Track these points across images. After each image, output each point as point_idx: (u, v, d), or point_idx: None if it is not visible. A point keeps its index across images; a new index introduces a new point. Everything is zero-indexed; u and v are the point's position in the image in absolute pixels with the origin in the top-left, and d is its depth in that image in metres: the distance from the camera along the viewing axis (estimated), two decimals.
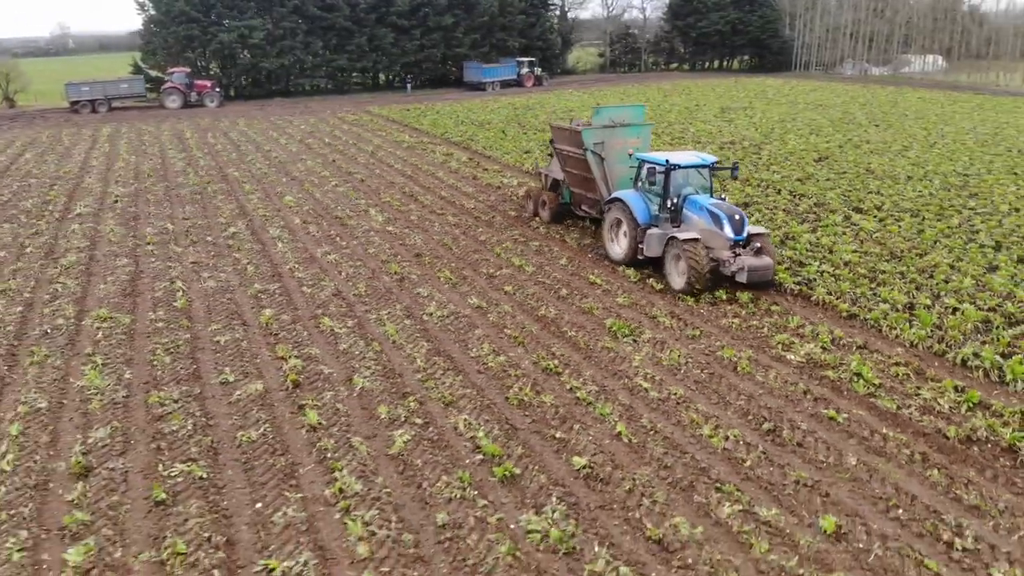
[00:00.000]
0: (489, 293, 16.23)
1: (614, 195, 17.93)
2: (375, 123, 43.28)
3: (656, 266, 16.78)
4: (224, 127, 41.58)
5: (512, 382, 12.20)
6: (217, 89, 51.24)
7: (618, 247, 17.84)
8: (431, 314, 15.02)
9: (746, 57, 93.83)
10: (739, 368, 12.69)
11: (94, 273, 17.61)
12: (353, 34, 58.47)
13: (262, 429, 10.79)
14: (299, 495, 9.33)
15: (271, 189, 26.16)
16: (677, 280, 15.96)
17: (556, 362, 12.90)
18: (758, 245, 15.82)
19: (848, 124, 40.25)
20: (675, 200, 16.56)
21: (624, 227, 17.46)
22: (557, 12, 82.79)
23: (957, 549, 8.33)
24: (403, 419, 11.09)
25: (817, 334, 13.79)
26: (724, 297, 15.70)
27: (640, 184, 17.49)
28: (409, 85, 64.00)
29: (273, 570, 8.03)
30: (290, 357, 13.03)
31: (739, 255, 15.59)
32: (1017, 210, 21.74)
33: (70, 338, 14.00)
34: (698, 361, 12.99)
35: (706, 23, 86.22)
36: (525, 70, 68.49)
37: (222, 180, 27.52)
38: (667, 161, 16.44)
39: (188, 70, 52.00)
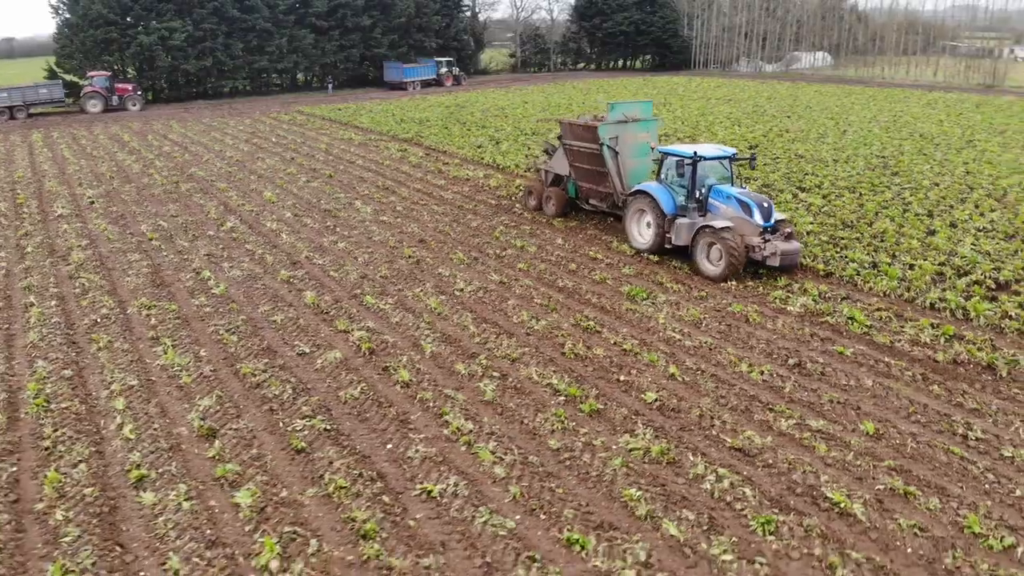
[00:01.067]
0: (504, 270, 17.65)
1: (637, 187, 18.58)
2: (312, 122, 43.65)
3: (683, 254, 17.65)
4: (159, 130, 41.05)
5: (562, 339, 13.72)
6: (139, 92, 50.18)
7: (642, 237, 18.54)
8: (461, 290, 16.32)
9: (648, 57, 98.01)
10: (750, 319, 14.64)
11: (111, 268, 17.96)
12: (272, 35, 58.27)
13: (359, 388, 11.91)
14: (421, 436, 10.57)
15: (244, 187, 26.61)
16: (709, 267, 16.66)
17: (592, 323, 14.49)
18: (788, 230, 16.75)
19: (762, 116, 43.56)
20: (702, 190, 17.29)
21: (647, 218, 18.23)
22: (468, 13, 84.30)
23: (971, 440, 10.43)
24: (481, 374, 12.43)
25: (806, 289, 15.94)
26: None
27: (663, 176, 18.27)
28: (331, 85, 64.23)
29: (431, 491, 9.29)
30: (352, 330, 14.09)
31: (769, 241, 16.34)
32: (937, 184, 24.84)
33: (124, 325, 14.57)
34: (714, 316, 14.87)
35: (611, 24, 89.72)
36: (444, 70, 69.86)
37: (189, 180, 27.70)
38: (695, 153, 17.09)
39: (109, 74, 50.67)
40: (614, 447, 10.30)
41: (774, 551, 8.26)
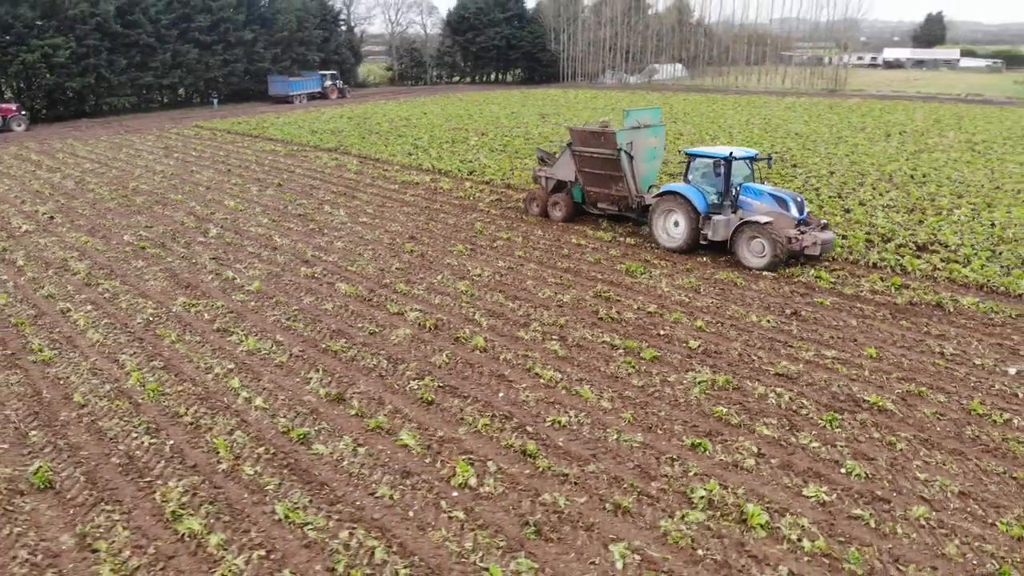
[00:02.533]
0: (505, 258, 19.52)
1: (665, 188, 19.50)
2: (221, 136, 43.43)
3: (719, 250, 18.82)
4: (63, 148, 39.60)
5: (592, 308, 15.82)
6: (23, 112, 47.74)
7: (672, 236, 19.36)
8: (479, 275, 18.09)
9: (519, 70, 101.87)
10: (737, 284, 17.34)
11: (122, 275, 18.33)
12: (156, 51, 56.90)
13: (445, 355, 13.50)
14: (522, 386, 12.37)
15: (200, 197, 26.90)
16: (752, 259, 17.76)
17: (611, 293, 16.70)
18: (823, 222, 18.36)
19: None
20: (735, 188, 18.42)
21: (675, 217, 19.13)
22: (344, 27, 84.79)
23: (947, 355, 13.44)
24: (541, 338, 14.33)
25: None
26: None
27: (690, 177, 19.35)
28: (215, 100, 63.25)
29: (560, 421, 11.17)
30: (404, 312, 15.59)
31: (804, 232, 17.61)
32: (832, 172, 28.92)
33: (180, 321, 15.32)
34: (707, 283, 17.46)
35: (484, 38, 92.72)
36: (329, 83, 70.41)
37: (136, 194, 27.61)
38: (731, 154, 18.18)
39: None
40: (685, 381, 12.51)
41: (845, 438, 10.73)
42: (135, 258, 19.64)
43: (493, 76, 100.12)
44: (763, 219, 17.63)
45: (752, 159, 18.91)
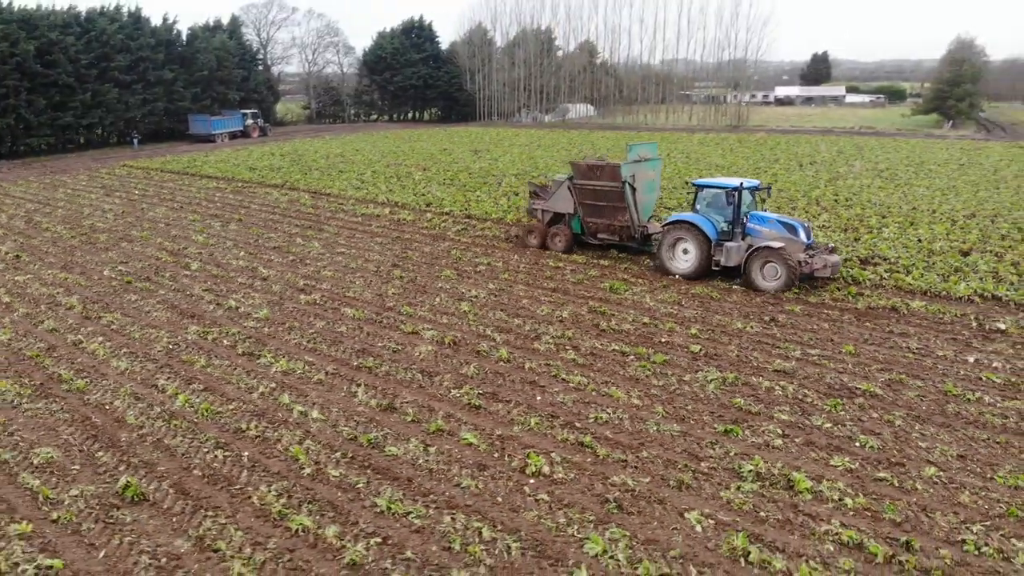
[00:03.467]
0: (492, 281, 20.63)
1: (675, 218, 20.40)
2: (156, 175, 42.95)
3: (730, 275, 19.73)
4: None
5: (592, 321, 17.13)
6: None
7: (682, 263, 20.15)
8: (475, 296, 19.14)
9: (436, 109, 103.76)
10: (713, 297, 19.02)
11: (120, 308, 18.44)
12: (76, 91, 55.65)
13: (473, 367, 14.49)
14: (555, 389, 13.49)
15: (163, 233, 26.91)
16: (766, 283, 18.70)
17: (604, 309, 18.07)
18: (831, 245, 19.72)
19: (587, 156, 49.74)
20: (745, 217, 19.38)
21: (684, 245, 20.02)
22: (261, 66, 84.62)
23: (913, 349, 15.38)
24: (556, 349, 15.50)
25: None
26: (631, 265, 21.94)
27: (698, 207, 20.27)
28: (135, 140, 62.08)
29: (601, 418, 12.35)
30: (419, 331, 16.48)
31: (814, 256, 18.75)
32: (764, 200, 31.39)
33: (202, 348, 15.73)
34: (686, 297, 19.07)
35: (401, 78, 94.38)
36: (250, 121, 70.28)
37: (95, 231, 27.35)
38: (741, 184, 19.25)
39: None
40: (699, 380, 13.92)
41: (850, 419, 12.32)
42: (125, 292, 19.71)
43: (411, 115, 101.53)
44: (777, 244, 18.61)
45: (756, 189, 19.96)
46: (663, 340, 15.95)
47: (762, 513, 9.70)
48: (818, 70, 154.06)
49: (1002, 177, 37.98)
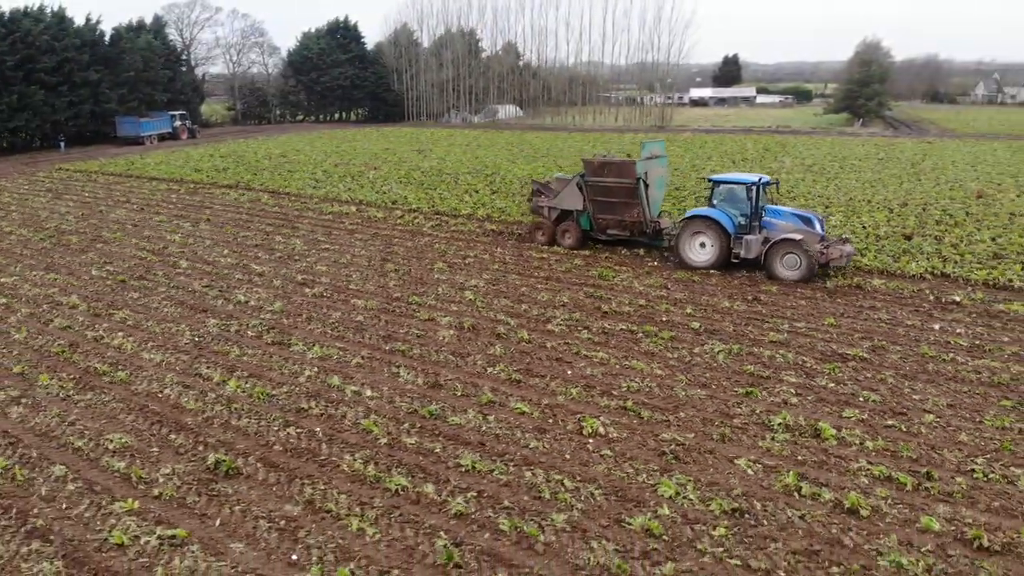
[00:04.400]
0: (485, 272, 21.60)
1: (694, 213, 21.13)
2: (99, 178, 41.98)
3: (749, 266, 20.63)
4: None
5: (593, 305, 18.38)
6: None
7: (701, 256, 20.89)
8: (475, 285, 20.11)
9: (363, 109, 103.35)
10: (694, 280, 20.56)
11: (126, 306, 18.62)
12: (1, 94, 53.57)
13: (499, 348, 15.51)
14: (581, 364, 14.67)
15: (136, 234, 26.76)
16: (786, 272, 19.65)
17: (600, 294, 19.36)
18: (845, 236, 20.97)
19: (529, 156, 51.18)
20: (761, 210, 20.22)
21: (702, 239, 20.83)
22: (184, 68, 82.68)
23: (882, 320, 17.22)
24: (569, 330, 16.68)
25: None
26: (609, 254, 23.38)
27: (715, 201, 21.06)
28: (62, 143, 60.08)
29: (631, 387, 13.60)
30: (435, 317, 17.38)
31: (829, 246, 19.72)
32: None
33: (227, 340, 16.21)
34: (671, 281, 20.52)
35: (328, 78, 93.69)
36: (178, 123, 68.93)
37: (63, 234, 26.97)
38: (760, 179, 20.19)
39: None
40: (708, 352, 15.35)
41: (848, 379, 13.94)
42: (124, 290, 19.81)
43: (337, 115, 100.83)
44: (797, 236, 19.64)
45: (768, 184, 20.78)
46: (664, 319, 17.31)
47: (799, 457, 11.11)
48: (729, 72, 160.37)
49: (920, 170, 41.27)
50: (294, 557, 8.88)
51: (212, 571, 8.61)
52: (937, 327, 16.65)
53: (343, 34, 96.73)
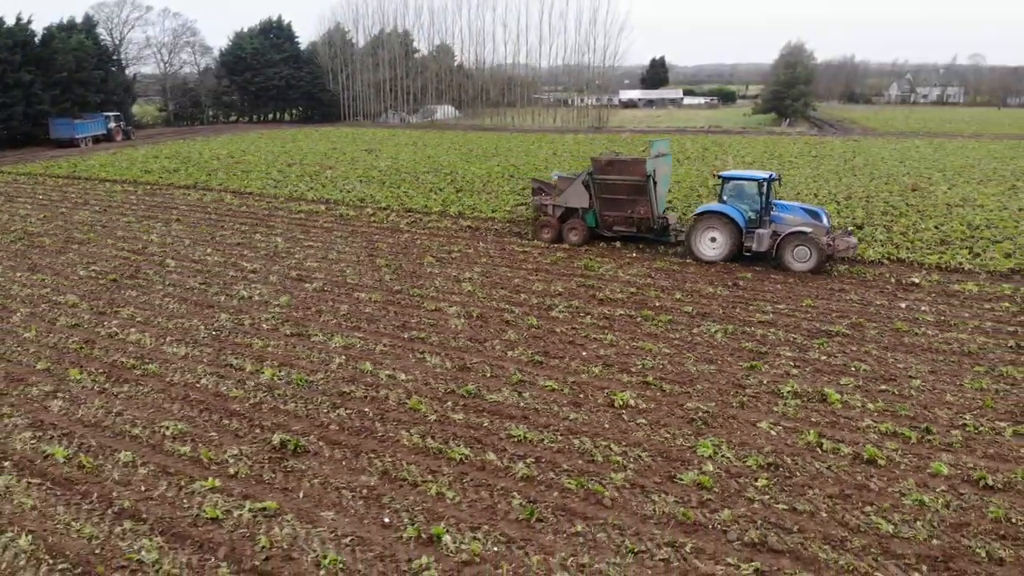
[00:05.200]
0: (475, 266, 22.40)
1: (706, 208, 21.96)
2: (47, 181, 40.89)
3: (759, 258, 21.49)
4: None
5: (589, 293, 19.43)
6: None
7: (712, 250, 21.73)
8: (470, 277, 20.89)
9: (298, 109, 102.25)
10: (675, 269, 21.83)
11: (127, 303, 18.71)
12: None
13: (511, 334, 16.39)
14: (593, 347, 15.71)
15: (110, 235, 26.50)
16: (797, 264, 20.56)
17: (591, 283, 20.43)
18: (849, 229, 22.23)
19: (480, 155, 52.06)
20: (772, 204, 21.14)
21: (712, 234, 21.69)
22: (115, 68, 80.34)
23: (852, 299, 18.82)
24: (572, 316, 17.69)
25: (674, 252, 23.68)
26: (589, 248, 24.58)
27: (725, 197, 21.84)
28: None
29: (645, 364, 14.71)
30: (441, 308, 18.14)
31: (836, 239, 20.73)
32: (670, 190, 35.00)
33: (245, 333, 16.62)
34: (652, 270, 21.74)
35: (262, 79, 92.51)
36: (113, 124, 67.24)
37: (33, 235, 26.53)
38: (771, 175, 21.21)
39: None
40: (706, 332, 16.58)
41: (838, 352, 15.35)
42: (121, 289, 19.86)
43: (272, 116, 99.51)
44: (808, 229, 20.66)
45: (774, 180, 21.69)
46: (657, 304, 18.49)
47: (813, 419, 12.37)
48: (656, 74, 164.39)
49: (854, 166, 43.90)
50: (386, 520, 9.57)
51: (313, 536, 9.23)
52: (904, 305, 18.30)
53: (277, 33, 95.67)
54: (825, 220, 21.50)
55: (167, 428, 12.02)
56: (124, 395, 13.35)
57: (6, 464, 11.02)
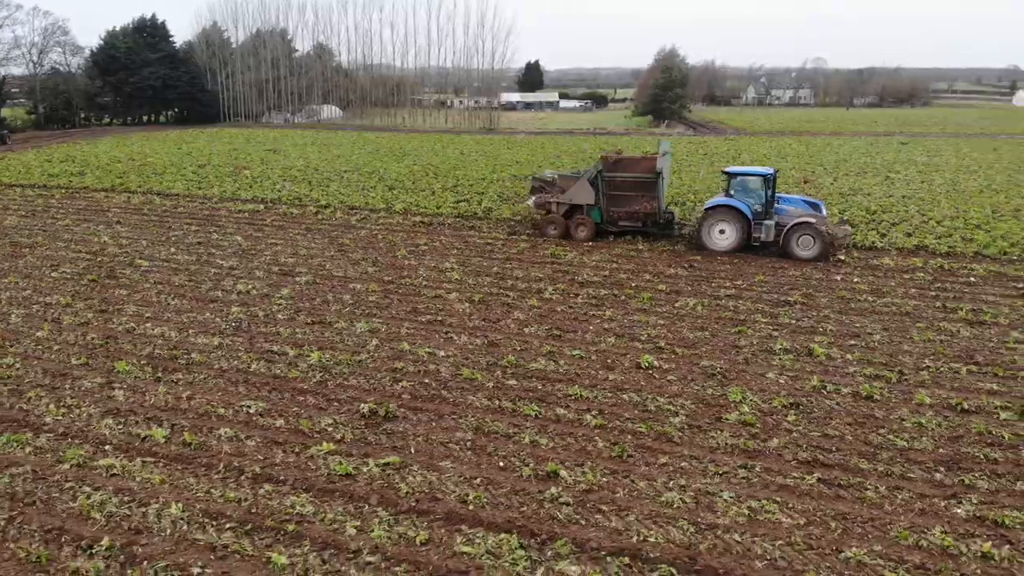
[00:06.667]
0: (451, 256, 23.71)
1: (715, 202, 23.49)
2: None
3: (765, 248, 23.17)
4: None
5: (567, 277, 21.27)
6: None
7: (722, 242, 23.27)
8: (452, 267, 22.17)
9: (174, 111, 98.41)
10: (632, 254, 24.00)
11: (124, 302, 18.86)
12: None
13: (518, 312, 17.99)
14: (597, 321, 17.58)
15: (56, 238, 25.87)
16: (802, 252, 22.35)
17: (564, 270, 22.27)
18: (845, 218, 24.92)
19: (390, 155, 52.88)
20: (776, 197, 22.94)
21: (720, 226, 23.22)
22: None
23: (797, 275, 21.64)
24: (563, 297, 19.47)
25: (638, 240, 25.97)
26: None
27: (732, 191, 23.33)
28: None
29: (648, 334, 16.73)
30: (441, 295, 19.46)
31: (832, 228, 22.93)
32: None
33: (265, 323, 17.34)
34: (618, 256, 23.77)
35: (138, 79, 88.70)
36: None
37: None
38: (773, 171, 23.10)
39: None
40: (687, 306, 18.76)
41: (806, 316, 17.92)
42: (107, 288, 19.83)
43: (148, 118, 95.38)
44: (812, 220, 22.54)
45: (775, 175, 23.60)
46: (634, 284, 20.54)
47: (808, 368, 14.72)
48: (532, 78, 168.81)
49: (743, 161, 48.03)
50: (501, 464, 10.99)
51: (445, 481, 10.53)
52: (839, 277, 21.22)
53: (151, 32, 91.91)
54: (824, 212, 23.64)
55: (248, 407, 12.81)
56: (183, 382, 13.92)
57: (106, 448, 11.52)
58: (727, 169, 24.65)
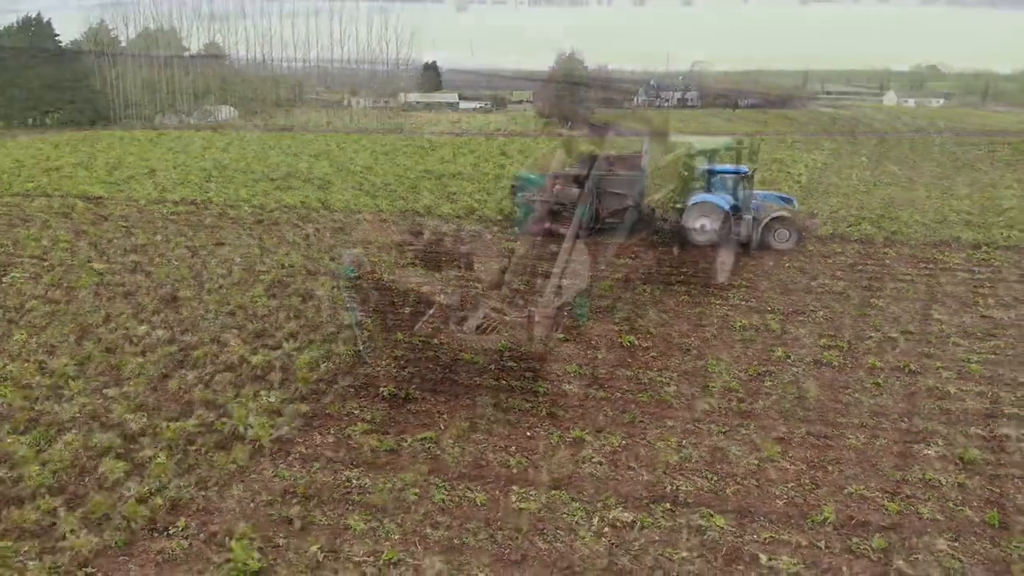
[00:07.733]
0: None
1: (697, 199, 23.85)
2: None
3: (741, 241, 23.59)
4: None
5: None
6: None
7: (704, 236, 23.48)
8: None
9: (59, 112, 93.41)
10: (595, 247, 25.41)
11: (134, 308, 18.75)
12: None
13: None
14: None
15: (11, 236, 25.03)
16: (780, 244, 23.61)
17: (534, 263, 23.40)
18: (813, 212, 27.18)
19: (313, 155, 52.61)
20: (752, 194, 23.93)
21: (702, 221, 23.50)
22: None
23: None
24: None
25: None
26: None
27: (711, 188, 24.09)
28: None
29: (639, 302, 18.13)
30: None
31: (804, 220, 25.01)
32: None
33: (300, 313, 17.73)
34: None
35: (21, 80, 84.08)
36: None
37: None
38: (753, 170, 24.38)
39: None
40: (654, 293, 20.26)
41: (750, 297, 19.69)
42: (100, 298, 18.95)
43: (32, 121, 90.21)
44: (787, 214, 24.13)
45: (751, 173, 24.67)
46: (616, 277, 21.74)
47: (769, 342, 16.39)
48: (430, 78, 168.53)
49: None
50: (528, 434, 12.02)
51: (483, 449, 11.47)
52: (771, 263, 23.21)
53: (36, 31, 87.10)
54: (796, 205, 25.54)
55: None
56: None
57: None
58: (708, 167, 25.32)
